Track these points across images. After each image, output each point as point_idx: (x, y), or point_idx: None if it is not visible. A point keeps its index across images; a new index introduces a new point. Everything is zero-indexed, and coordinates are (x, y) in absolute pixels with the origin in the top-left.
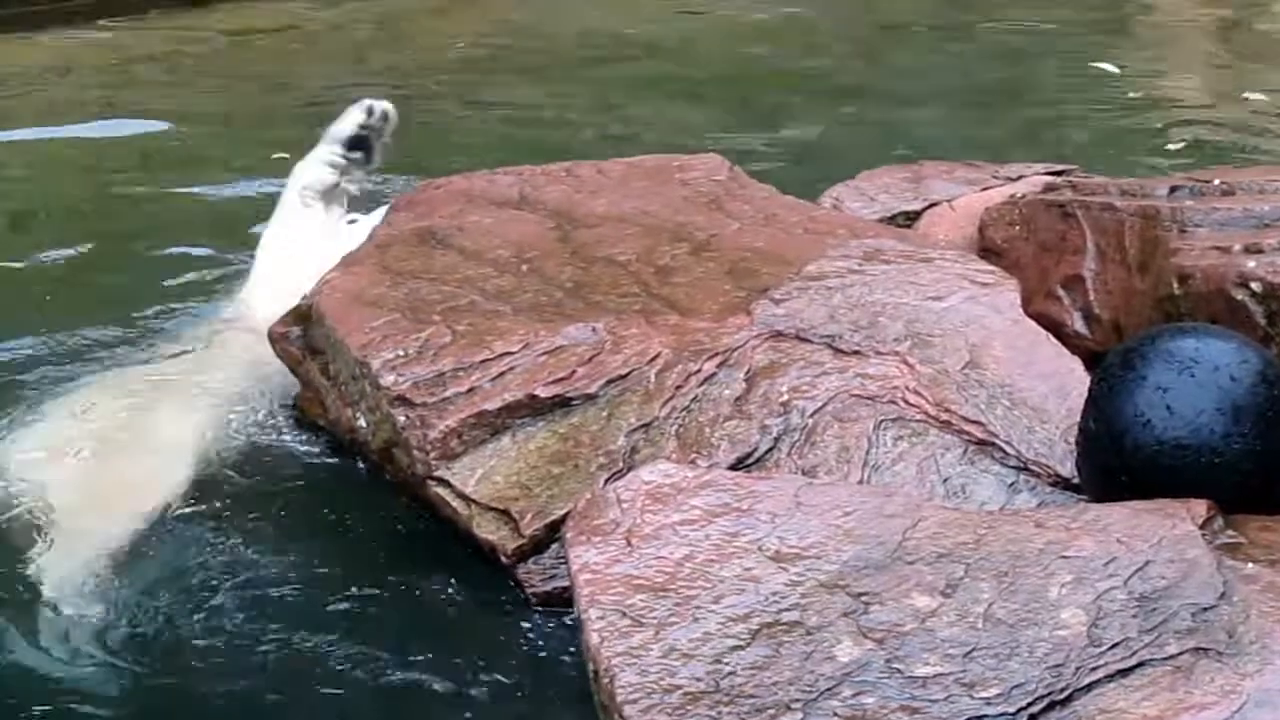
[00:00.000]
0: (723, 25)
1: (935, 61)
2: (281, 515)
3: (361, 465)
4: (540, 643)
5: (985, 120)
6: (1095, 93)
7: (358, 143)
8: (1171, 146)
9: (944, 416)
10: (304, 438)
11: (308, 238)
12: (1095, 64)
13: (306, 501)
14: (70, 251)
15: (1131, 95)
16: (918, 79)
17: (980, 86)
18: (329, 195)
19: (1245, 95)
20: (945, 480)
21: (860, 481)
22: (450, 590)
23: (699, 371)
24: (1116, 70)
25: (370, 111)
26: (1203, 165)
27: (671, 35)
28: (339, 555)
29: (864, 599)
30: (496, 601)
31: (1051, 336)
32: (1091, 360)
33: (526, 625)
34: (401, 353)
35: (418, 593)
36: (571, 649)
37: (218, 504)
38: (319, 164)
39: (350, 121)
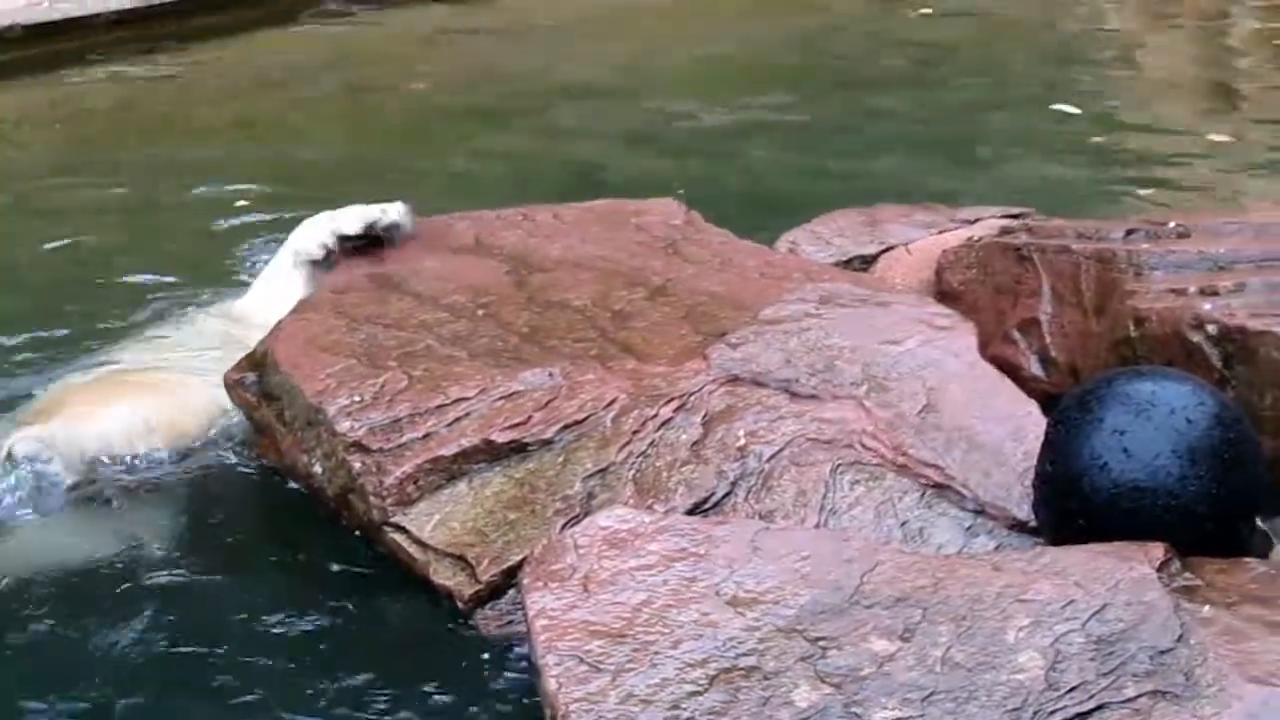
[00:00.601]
0: (679, 69)
1: (890, 104)
2: (237, 561)
3: (318, 510)
4: (498, 688)
5: (942, 163)
6: (1055, 134)
7: (359, 237)
8: (1141, 191)
9: (901, 460)
10: (260, 483)
11: (291, 297)
12: (1055, 105)
13: (262, 548)
14: None
15: (1093, 137)
16: (873, 122)
17: (936, 129)
18: (320, 263)
19: (1209, 137)
20: (903, 524)
21: (817, 525)
22: (408, 636)
23: (655, 416)
24: (1077, 111)
25: (378, 221)
26: (1164, 207)
27: (627, 79)
28: (294, 600)
29: (821, 644)
30: (453, 647)
31: (1008, 380)
32: (1048, 403)
33: (484, 671)
34: (357, 398)
35: (374, 637)
36: (530, 694)
37: (174, 550)
38: (315, 238)
39: (356, 218)
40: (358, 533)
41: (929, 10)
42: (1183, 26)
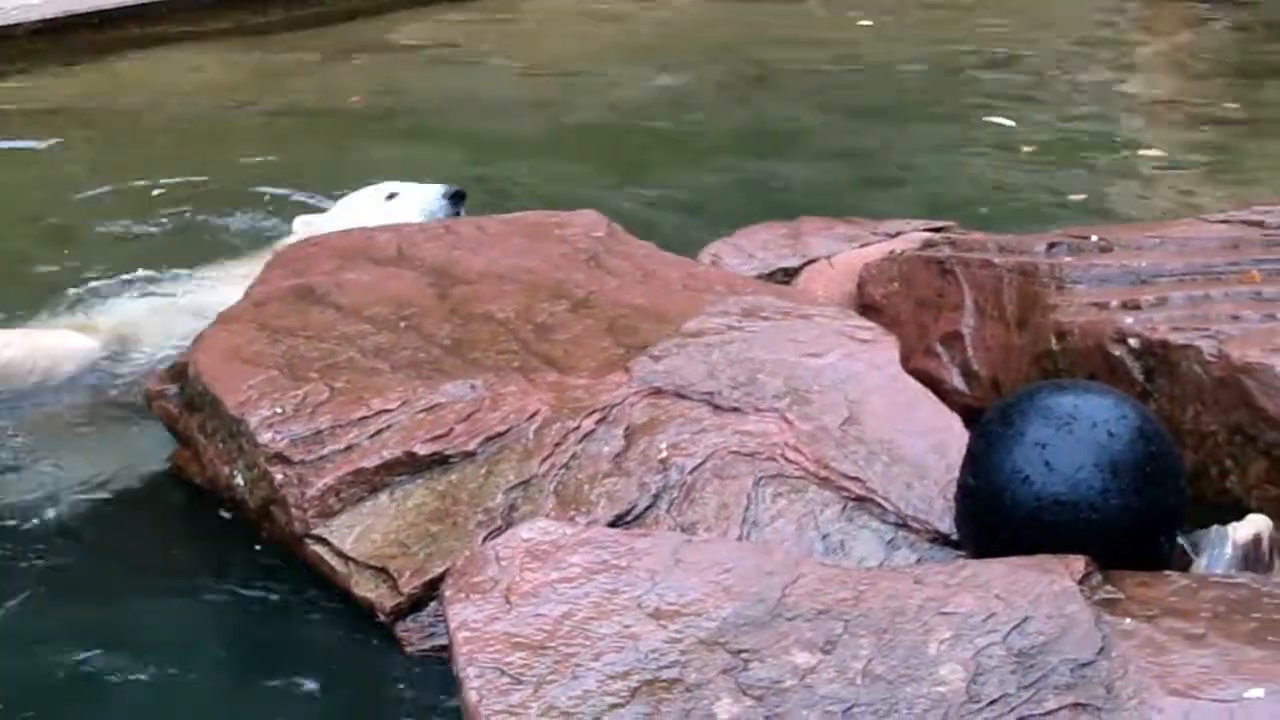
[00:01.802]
0: (601, 79)
1: (817, 117)
2: (158, 573)
3: (239, 522)
4: (419, 701)
5: (868, 177)
6: (987, 148)
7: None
8: (1073, 197)
9: (823, 473)
10: (182, 495)
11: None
12: (990, 118)
13: (183, 560)
14: None
15: (1026, 150)
16: (798, 135)
17: (863, 142)
18: None
19: (1141, 151)
20: (824, 537)
21: (739, 538)
22: (328, 648)
23: (578, 428)
24: (1012, 124)
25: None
26: (1096, 222)
27: (548, 93)
28: (214, 614)
29: (743, 656)
30: (374, 660)
31: (930, 393)
32: (970, 417)
33: (405, 684)
34: (279, 410)
35: (295, 650)
36: (452, 707)
37: (92, 562)
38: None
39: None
40: (280, 545)
41: (869, 23)
42: (1125, 41)
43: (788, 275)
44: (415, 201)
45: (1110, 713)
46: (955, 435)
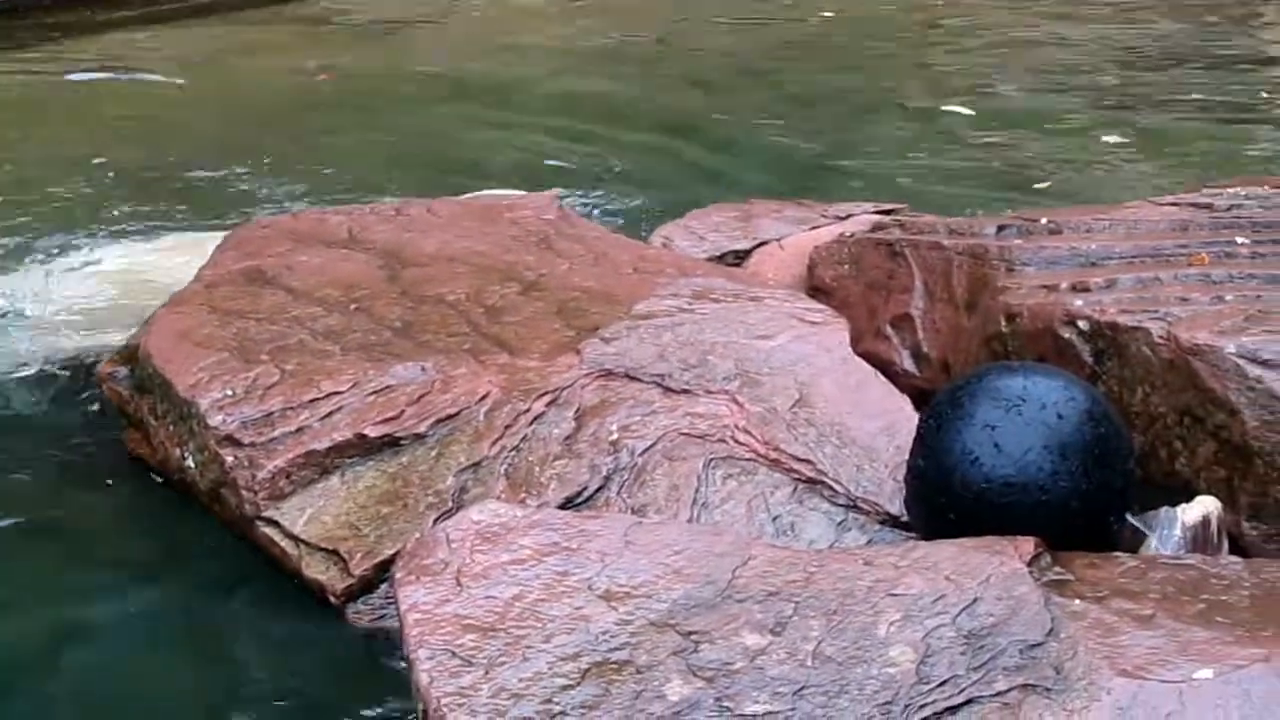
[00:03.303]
0: (550, 63)
1: (776, 102)
2: (108, 556)
3: (190, 505)
4: (370, 683)
5: (826, 163)
6: (946, 134)
7: None
8: (1036, 186)
9: (773, 455)
10: (131, 477)
11: None
12: (947, 106)
13: (134, 542)
14: None
15: (984, 138)
16: (756, 118)
17: (824, 128)
18: None
19: (1103, 138)
20: (775, 519)
21: (690, 520)
22: (278, 630)
23: (528, 411)
24: (970, 112)
25: None
26: (1054, 206)
27: (499, 73)
28: (165, 596)
29: (694, 638)
30: (325, 642)
31: (880, 375)
32: (920, 399)
33: (356, 666)
34: (230, 393)
35: (246, 632)
36: (403, 689)
37: (41, 545)
38: None
39: None
40: (230, 527)
41: (830, 14)
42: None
43: (738, 258)
44: None
45: (1060, 693)
46: (905, 417)
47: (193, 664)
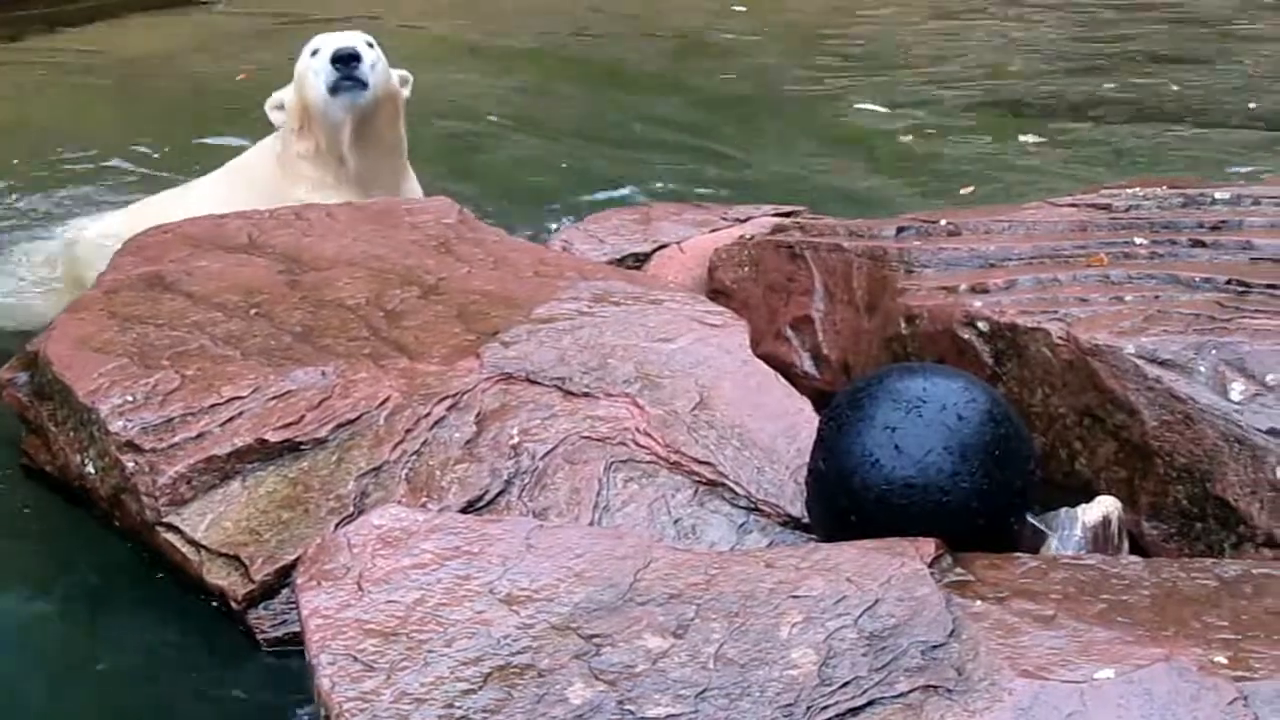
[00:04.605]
0: (456, 61)
1: (676, 107)
2: (6, 564)
3: (90, 512)
4: (272, 689)
5: (737, 163)
6: (859, 133)
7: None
8: (964, 191)
9: (674, 458)
10: (30, 484)
11: None
12: (861, 105)
13: (32, 549)
14: None
15: (902, 138)
16: (653, 122)
17: (731, 129)
18: None
19: (1020, 138)
20: (676, 521)
21: (591, 523)
22: (180, 637)
23: (429, 415)
24: (885, 110)
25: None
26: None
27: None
28: (65, 603)
29: (595, 641)
30: (227, 647)
31: (781, 377)
32: (821, 400)
33: (257, 672)
34: (130, 398)
35: (147, 639)
36: (305, 694)
37: None
38: None
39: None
40: (131, 534)
41: (742, 8)
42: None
43: (638, 261)
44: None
45: (961, 694)
46: (806, 419)
47: (91, 674)
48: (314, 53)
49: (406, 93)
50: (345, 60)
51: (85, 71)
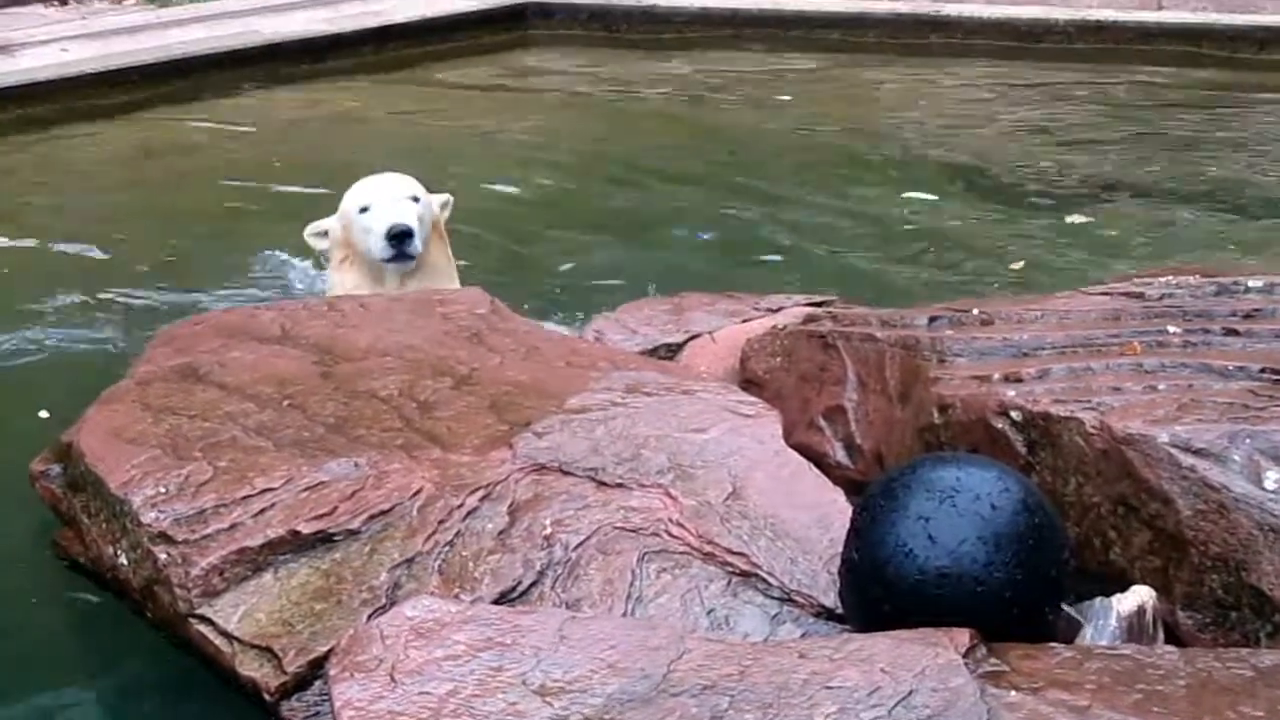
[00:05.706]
0: (490, 156)
1: (700, 194)
2: (39, 656)
3: (123, 603)
4: None
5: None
6: (907, 220)
7: None
8: (1012, 266)
9: (707, 548)
10: (63, 575)
11: None
12: (906, 194)
13: (66, 642)
14: None
15: (949, 222)
16: (682, 212)
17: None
18: None
19: (1067, 219)
20: (709, 612)
21: (624, 614)
22: None
23: (461, 506)
24: (933, 198)
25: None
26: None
27: (435, 165)
28: (99, 696)
29: None
30: None
31: (814, 467)
32: (854, 490)
33: None
34: (162, 490)
35: None
36: None
37: None
38: None
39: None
40: (164, 626)
41: (788, 97)
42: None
43: (671, 351)
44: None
45: None
46: (839, 509)
47: None
48: (363, 209)
49: (447, 214)
50: (399, 238)
51: None
